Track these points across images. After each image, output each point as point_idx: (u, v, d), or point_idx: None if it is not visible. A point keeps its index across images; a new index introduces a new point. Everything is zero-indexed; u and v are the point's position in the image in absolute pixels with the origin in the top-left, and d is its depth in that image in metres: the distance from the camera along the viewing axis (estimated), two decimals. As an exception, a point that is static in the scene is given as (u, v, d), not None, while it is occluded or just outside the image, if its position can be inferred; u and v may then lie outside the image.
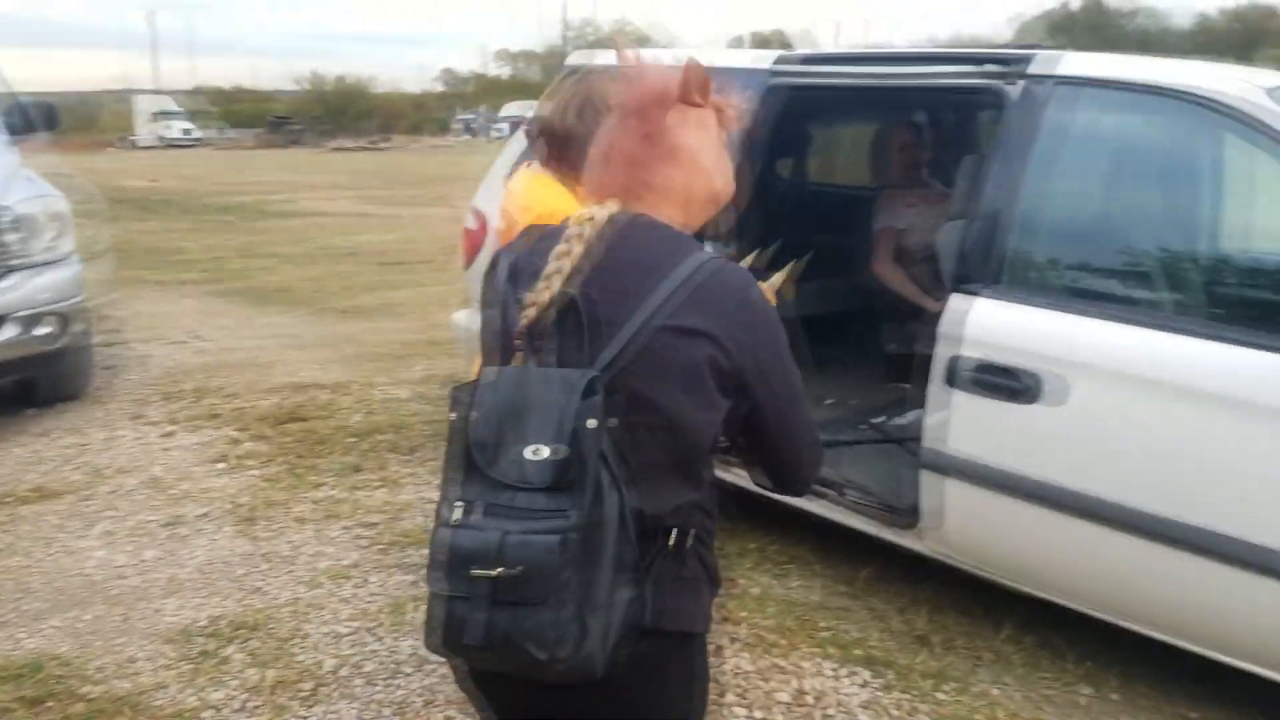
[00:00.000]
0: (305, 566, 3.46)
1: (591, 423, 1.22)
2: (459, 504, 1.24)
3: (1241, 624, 2.40)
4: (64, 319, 4.77)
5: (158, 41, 64.82)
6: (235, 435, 4.77)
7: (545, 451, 1.21)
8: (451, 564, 1.21)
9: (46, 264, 4.77)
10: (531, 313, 1.28)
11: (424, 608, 1.29)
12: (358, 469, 4.35)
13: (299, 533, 3.72)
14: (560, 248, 1.30)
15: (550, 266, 1.29)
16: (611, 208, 1.35)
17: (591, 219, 1.32)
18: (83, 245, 5.29)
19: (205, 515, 3.87)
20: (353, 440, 4.70)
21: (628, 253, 1.32)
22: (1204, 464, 2.37)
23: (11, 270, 4.58)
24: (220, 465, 4.39)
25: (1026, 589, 2.83)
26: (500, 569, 1.18)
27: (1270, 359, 2.29)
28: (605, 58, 4.03)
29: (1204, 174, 2.93)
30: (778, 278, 2.11)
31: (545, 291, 1.28)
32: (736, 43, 48.77)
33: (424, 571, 1.30)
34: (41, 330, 4.66)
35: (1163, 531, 2.40)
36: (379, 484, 4.19)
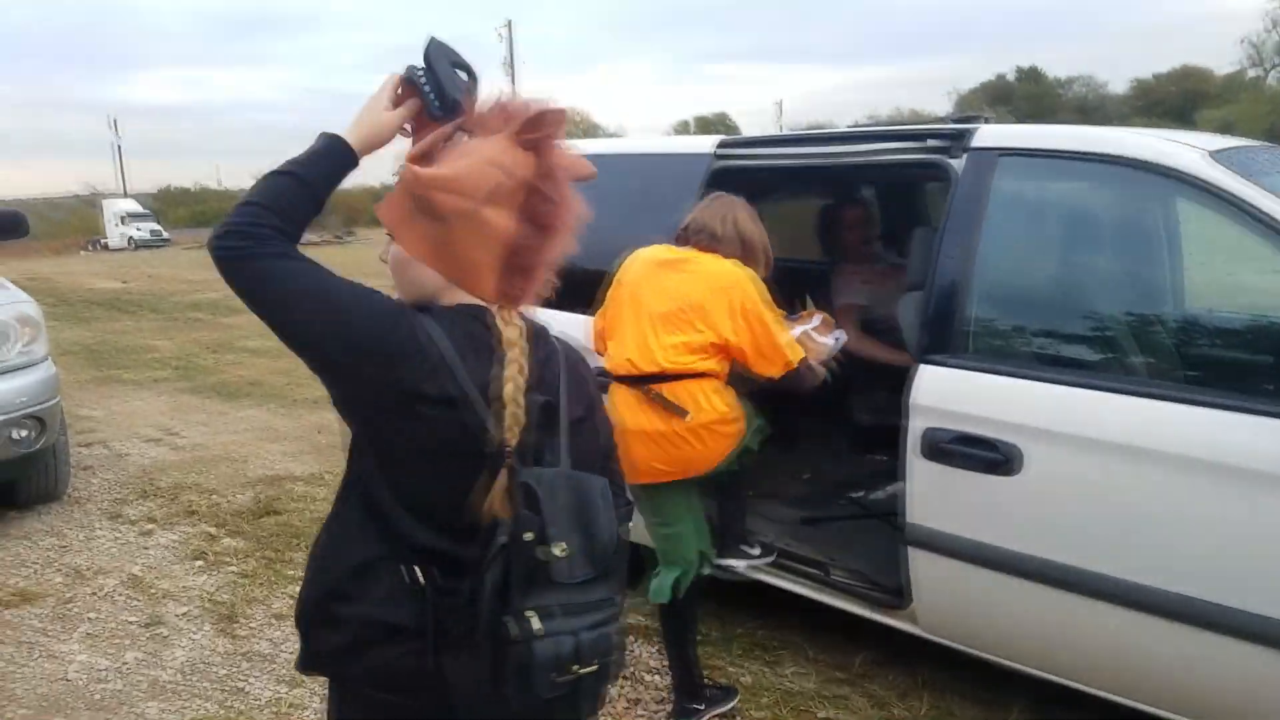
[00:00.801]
0: (285, 664, 3.42)
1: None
2: (532, 614, 1.26)
3: (1227, 691, 2.36)
4: (40, 421, 4.76)
5: (122, 148, 64.63)
6: (212, 531, 4.75)
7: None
8: (538, 674, 1.26)
9: (20, 368, 4.78)
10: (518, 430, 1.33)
11: None
12: (338, 560, 4.32)
13: (279, 629, 3.69)
14: (513, 354, 1.36)
15: (511, 374, 1.34)
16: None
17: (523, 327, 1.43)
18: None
19: (185, 614, 3.84)
20: (332, 532, 4.68)
21: (544, 351, 1.46)
22: (1177, 529, 2.34)
23: (-15, 376, 4.59)
24: (199, 563, 4.37)
25: (1030, 669, 2.72)
26: (580, 668, 1.28)
27: (1230, 418, 2.29)
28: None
29: (1157, 238, 2.99)
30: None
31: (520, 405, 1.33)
32: (682, 128, 49.72)
33: None
34: (19, 433, 4.65)
35: (1141, 601, 2.38)
36: (359, 575, 4.17)
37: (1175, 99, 45.94)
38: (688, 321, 2.74)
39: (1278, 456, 2.22)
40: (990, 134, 2.90)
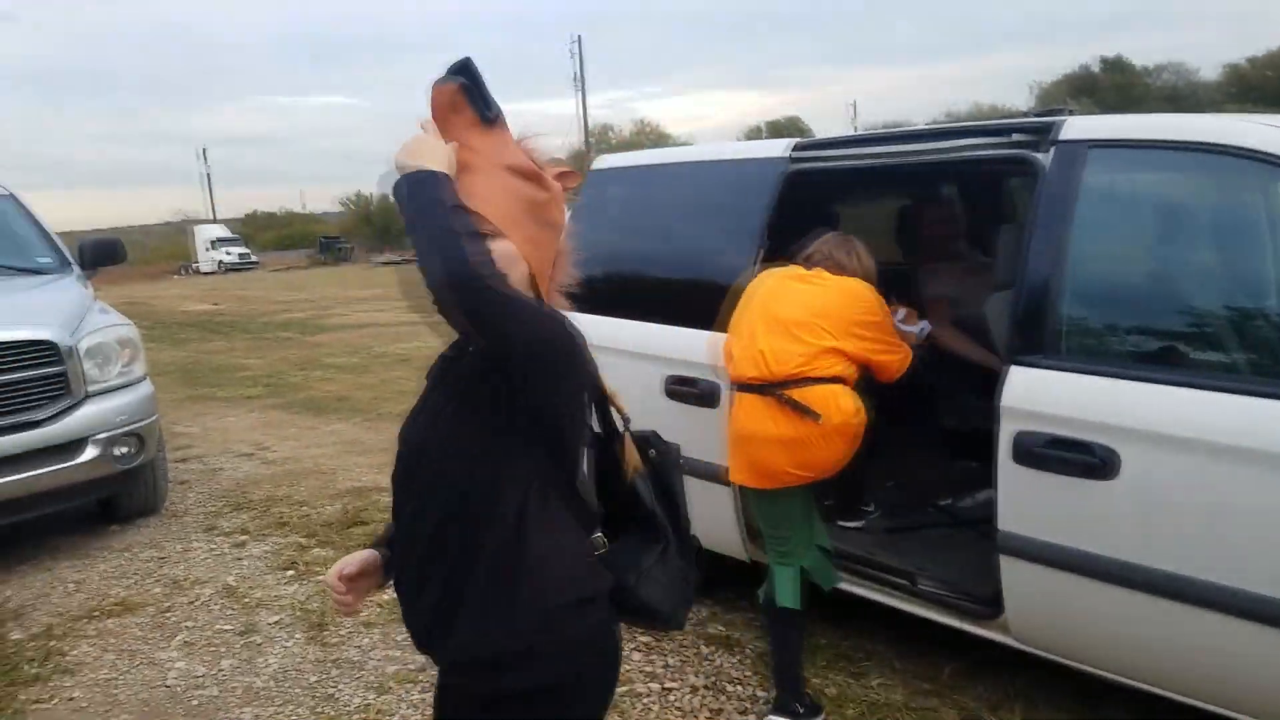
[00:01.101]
0: (374, 671, 3.48)
1: None
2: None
3: None
4: (140, 438, 4.95)
5: (211, 175, 67.07)
6: (303, 542, 4.87)
7: None
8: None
9: (120, 388, 4.98)
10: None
11: None
12: (423, 571, 4.39)
13: (366, 637, 3.75)
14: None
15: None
16: None
17: None
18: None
19: (277, 622, 3.93)
20: (417, 542, 4.75)
21: None
22: None
23: (90, 396, 4.79)
24: (290, 572, 4.48)
25: (1121, 679, 2.63)
26: None
27: None
28: (628, 159, 4.15)
29: (1259, 228, 2.86)
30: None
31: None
32: (755, 133, 49.32)
33: None
34: (120, 450, 4.85)
35: (1246, 609, 2.27)
36: (444, 585, 4.22)
37: (1272, 84, 43.81)
38: (821, 329, 2.83)
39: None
40: (1078, 126, 2.80)
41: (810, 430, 2.76)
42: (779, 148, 3.53)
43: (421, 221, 1.35)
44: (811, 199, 3.57)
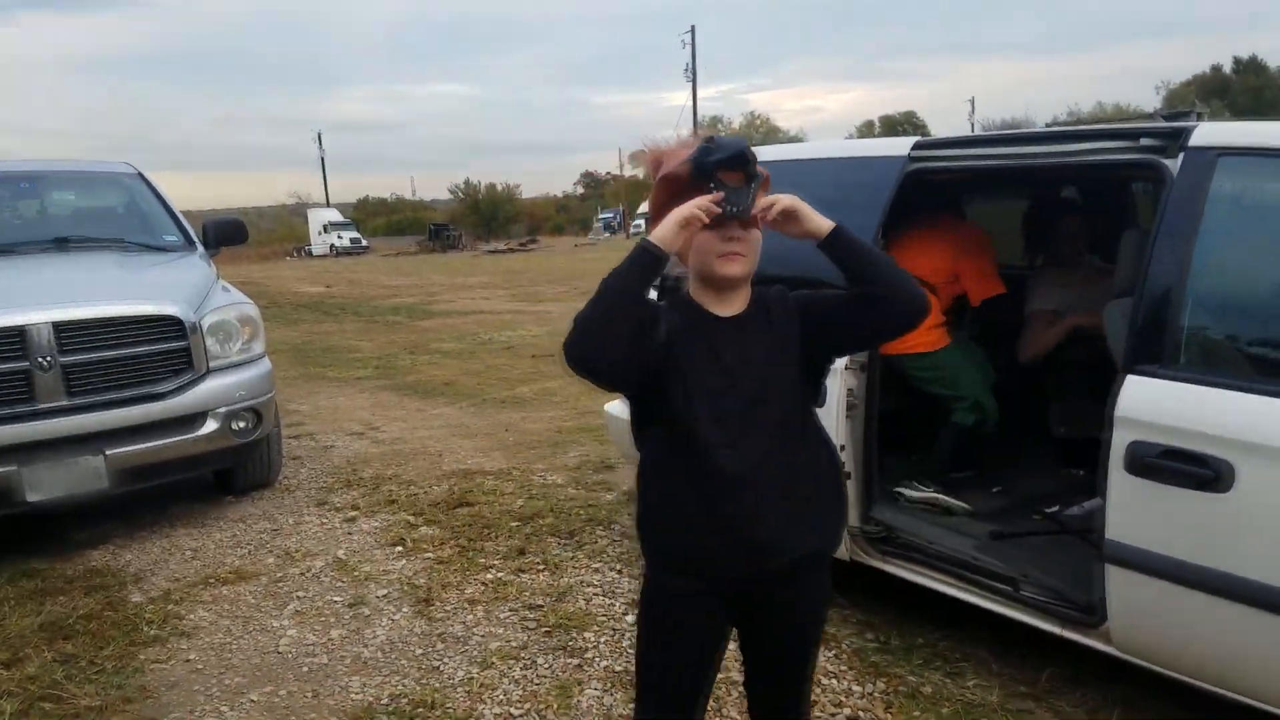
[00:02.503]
0: (478, 647, 3.58)
1: None
2: None
3: None
4: (257, 414, 5.16)
5: (325, 160, 69.04)
6: (411, 520, 5.03)
7: None
8: None
9: (240, 364, 5.18)
10: None
11: (588, 692, 1.42)
12: (522, 552, 4.50)
13: (471, 613, 3.87)
14: None
15: None
16: None
17: None
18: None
19: (385, 596, 4.08)
20: (516, 524, 4.88)
21: None
22: None
23: (211, 371, 5.00)
24: (398, 549, 4.63)
25: (1223, 692, 2.60)
26: None
27: None
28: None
29: None
30: None
31: None
32: (867, 129, 48.40)
33: (587, 655, 1.46)
34: (238, 424, 5.05)
35: None
36: (542, 567, 4.32)
37: None
38: None
39: None
40: (1209, 132, 2.73)
41: None
42: (900, 146, 3.50)
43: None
44: (931, 198, 3.53)
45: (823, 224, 1.85)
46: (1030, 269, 4.43)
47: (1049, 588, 2.99)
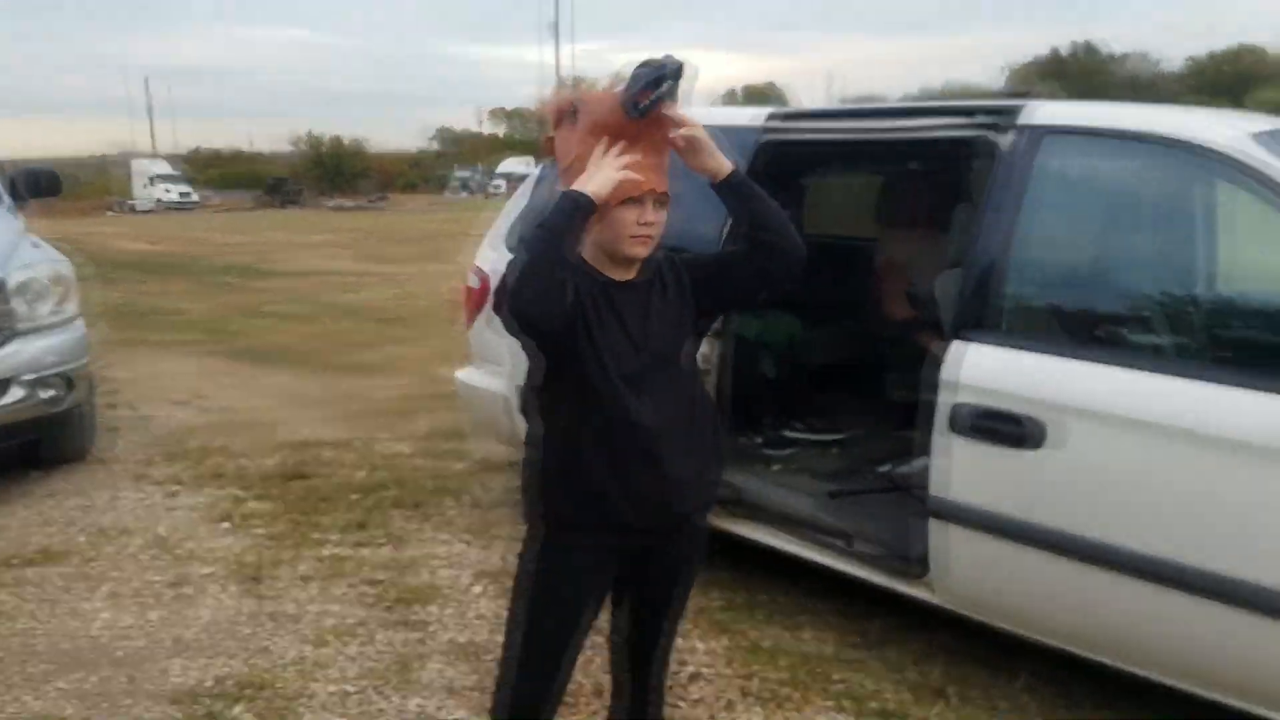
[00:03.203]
0: (311, 625, 3.44)
1: None
2: None
3: (1246, 666, 2.39)
4: (68, 381, 4.80)
5: (153, 107, 64.82)
6: (239, 494, 4.78)
7: None
8: None
9: (51, 327, 4.82)
10: None
11: (430, 666, 1.36)
12: (362, 526, 4.35)
13: (304, 590, 3.71)
14: None
15: None
16: None
17: None
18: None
19: (210, 575, 3.87)
20: (356, 497, 4.71)
21: None
22: (1204, 507, 2.38)
23: (17, 334, 4.62)
24: (225, 524, 4.39)
25: (1037, 638, 2.81)
26: None
27: (1266, 400, 2.31)
28: None
29: (1196, 219, 2.96)
30: None
31: None
32: (730, 97, 49.27)
33: (430, 628, 1.40)
34: (46, 393, 4.69)
35: (1165, 575, 2.41)
36: (383, 541, 4.19)
37: (1229, 79, 44.90)
38: None
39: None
40: (1036, 111, 2.89)
41: None
42: (754, 116, 3.54)
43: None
44: (782, 170, 3.58)
45: (724, 163, 1.93)
46: (874, 239, 4.58)
47: (880, 542, 3.16)
